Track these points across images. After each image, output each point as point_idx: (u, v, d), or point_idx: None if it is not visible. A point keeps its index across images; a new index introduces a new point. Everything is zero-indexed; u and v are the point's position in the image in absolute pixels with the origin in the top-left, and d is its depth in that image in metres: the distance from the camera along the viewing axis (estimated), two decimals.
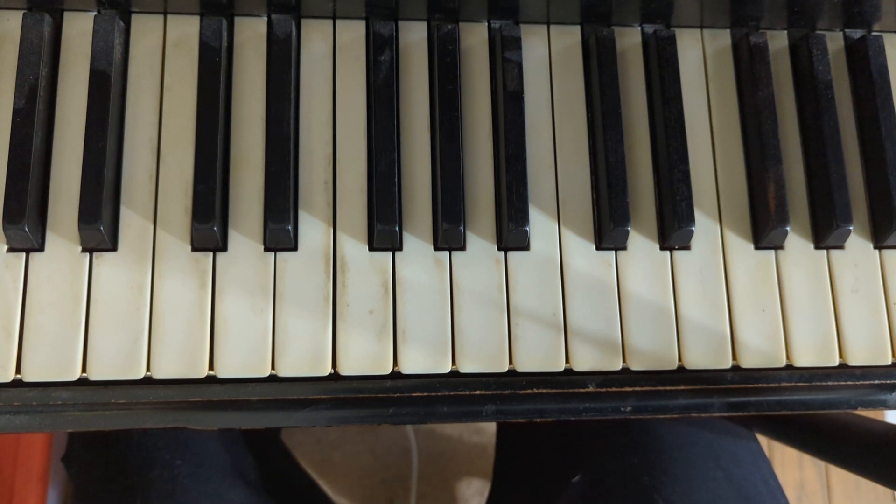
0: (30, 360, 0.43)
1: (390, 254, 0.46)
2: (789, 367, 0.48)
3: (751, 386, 0.47)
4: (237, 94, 0.48)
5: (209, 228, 0.44)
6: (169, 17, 0.48)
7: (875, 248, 0.49)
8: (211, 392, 0.45)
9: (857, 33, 0.52)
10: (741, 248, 0.48)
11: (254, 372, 0.44)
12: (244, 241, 0.46)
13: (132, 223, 0.45)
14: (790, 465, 1.40)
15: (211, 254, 0.45)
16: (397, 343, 0.45)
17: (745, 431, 0.71)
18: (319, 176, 0.47)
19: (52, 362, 0.43)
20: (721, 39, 0.51)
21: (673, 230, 0.47)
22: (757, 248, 0.49)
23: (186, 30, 0.48)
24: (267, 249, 0.46)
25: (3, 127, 0.45)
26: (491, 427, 1.29)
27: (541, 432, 0.76)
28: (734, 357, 0.47)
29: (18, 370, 0.43)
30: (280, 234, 0.45)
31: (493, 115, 0.49)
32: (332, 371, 0.45)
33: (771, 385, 0.48)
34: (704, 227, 0.48)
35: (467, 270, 0.46)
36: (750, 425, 0.73)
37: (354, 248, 0.46)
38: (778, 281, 0.48)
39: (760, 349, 0.47)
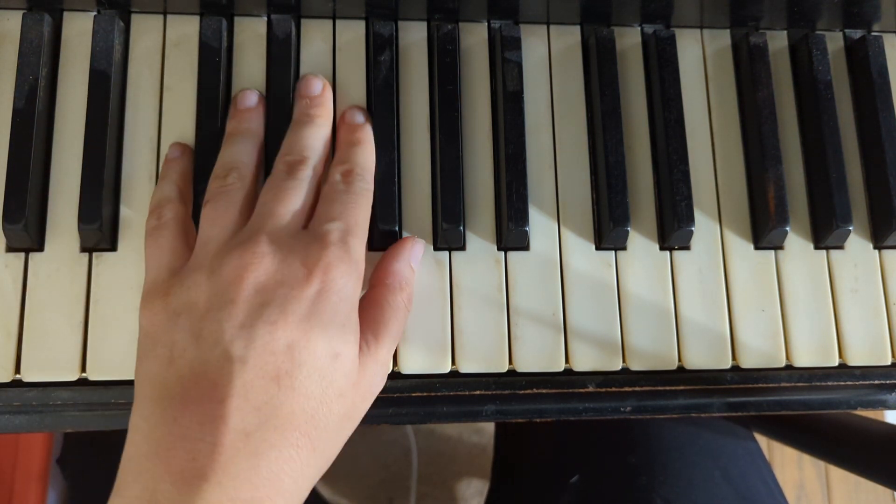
0: (29, 360, 0.43)
1: None
2: (789, 367, 0.47)
3: (750, 386, 0.47)
4: None
5: None
6: (169, 17, 0.48)
7: (875, 248, 0.49)
8: None
9: (856, 33, 0.52)
10: (741, 248, 0.48)
11: None
12: None
13: (132, 223, 0.45)
14: (790, 465, 1.40)
15: None
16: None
17: (744, 431, 0.71)
18: None
19: (52, 362, 0.43)
20: (721, 39, 0.51)
21: (673, 230, 0.47)
22: (757, 248, 0.48)
23: (186, 30, 0.48)
24: None
25: (3, 127, 0.45)
26: (491, 427, 1.29)
27: (540, 432, 0.76)
28: (734, 357, 0.47)
29: (18, 370, 0.43)
30: None
31: (493, 115, 0.49)
32: None
33: (771, 385, 0.48)
34: (704, 227, 0.48)
35: (467, 270, 0.46)
36: (749, 425, 0.73)
37: None
38: (778, 281, 0.48)
39: (760, 349, 0.47)
